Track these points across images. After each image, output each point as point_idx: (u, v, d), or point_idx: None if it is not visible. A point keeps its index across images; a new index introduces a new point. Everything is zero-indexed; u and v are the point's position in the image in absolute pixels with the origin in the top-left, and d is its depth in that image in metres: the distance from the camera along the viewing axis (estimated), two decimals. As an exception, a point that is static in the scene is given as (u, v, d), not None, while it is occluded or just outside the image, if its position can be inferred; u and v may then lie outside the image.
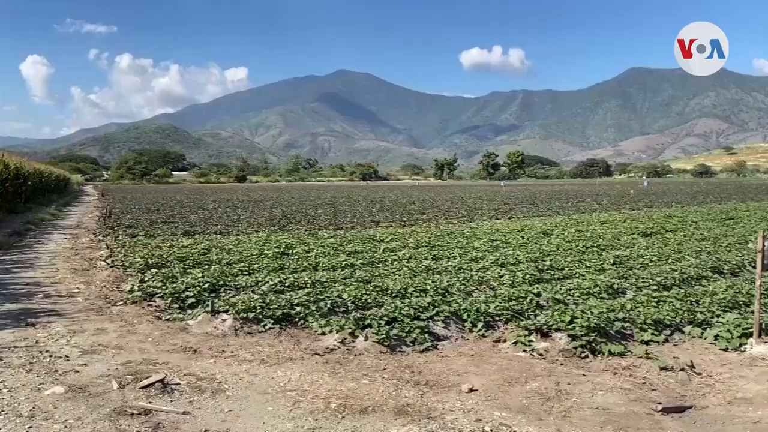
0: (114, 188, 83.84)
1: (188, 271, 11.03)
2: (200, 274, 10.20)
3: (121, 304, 8.97)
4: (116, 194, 53.97)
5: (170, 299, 8.85)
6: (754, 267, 7.46)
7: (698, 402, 5.50)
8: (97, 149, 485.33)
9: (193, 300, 8.77)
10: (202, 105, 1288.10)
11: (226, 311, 8.04)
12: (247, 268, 11.15)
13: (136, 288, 9.52)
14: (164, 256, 12.61)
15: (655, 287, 9.86)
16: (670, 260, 12.63)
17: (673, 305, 8.40)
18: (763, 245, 7.13)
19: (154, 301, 9.02)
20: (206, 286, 9.38)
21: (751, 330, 7.19)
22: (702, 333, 7.59)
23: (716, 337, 7.37)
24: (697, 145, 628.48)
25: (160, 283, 9.62)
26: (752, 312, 7.42)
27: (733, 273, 11.55)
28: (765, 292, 8.25)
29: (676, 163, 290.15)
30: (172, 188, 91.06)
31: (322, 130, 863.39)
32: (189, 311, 8.45)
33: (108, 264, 12.22)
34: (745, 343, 7.06)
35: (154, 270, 10.94)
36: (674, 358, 6.73)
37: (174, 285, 9.43)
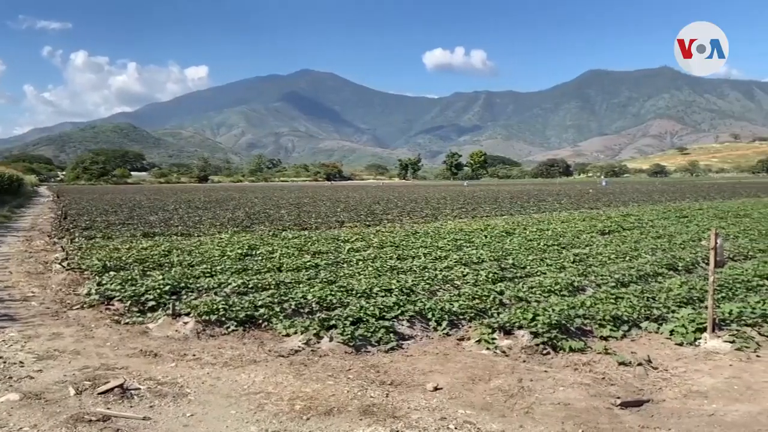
0: (70, 189, 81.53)
1: (148, 273, 10.81)
2: (161, 277, 10.00)
3: (77, 308, 8.73)
4: (72, 195, 52.49)
5: (129, 302, 8.65)
6: (708, 264, 7.72)
7: (655, 396, 5.65)
8: (52, 149, 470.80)
9: (153, 303, 8.60)
10: (161, 104, 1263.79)
11: (187, 314, 7.90)
12: (209, 270, 10.98)
13: (93, 291, 9.28)
14: (123, 258, 12.32)
15: (613, 284, 10.10)
16: (627, 258, 12.96)
17: (630, 301, 8.62)
18: (716, 243, 7.37)
19: (113, 305, 8.81)
20: (167, 288, 9.20)
21: (705, 325, 7.42)
22: (658, 328, 7.81)
23: (672, 332, 7.59)
24: (652, 145, 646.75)
25: (118, 286, 9.39)
26: (706, 307, 7.67)
27: (687, 270, 11.92)
28: (718, 288, 8.55)
29: (632, 163, 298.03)
30: (131, 189, 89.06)
31: (286, 130, 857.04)
32: (149, 314, 8.28)
33: (64, 267, 11.87)
34: (700, 338, 7.29)
35: (112, 273, 10.67)
36: (632, 353, 6.91)
37: (133, 288, 9.22)
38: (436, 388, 5.69)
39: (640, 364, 6.45)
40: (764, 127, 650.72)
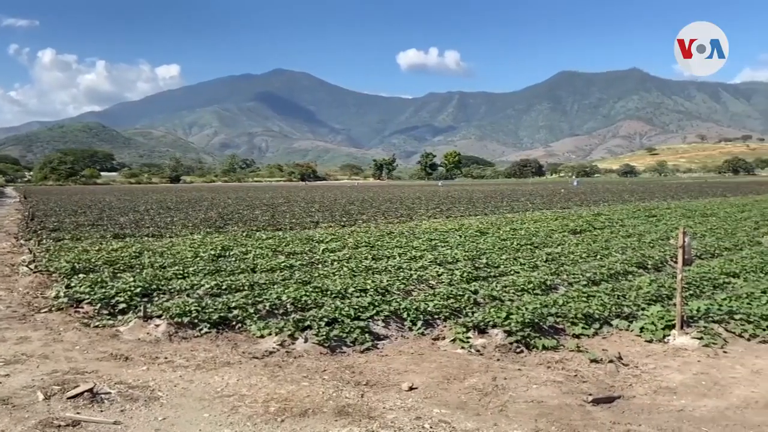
0: (37, 190, 79.71)
1: (119, 275, 10.62)
2: (132, 279, 9.83)
3: (45, 311, 8.54)
4: (40, 196, 51.33)
5: (99, 305, 8.50)
6: (676, 262, 7.87)
7: (626, 392, 5.75)
8: (19, 149, 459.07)
9: (124, 305, 8.46)
10: (132, 103, 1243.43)
11: (159, 316, 7.79)
12: (181, 272, 10.84)
13: (62, 294, 9.09)
14: (92, 260, 12.08)
15: (585, 283, 10.25)
16: (598, 256, 13.17)
17: (601, 299, 8.76)
18: (684, 241, 7.54)
19: (82, 308, 8.64)
20: (138, 290, 9.06)
21: (673, 322, 7.58)
22: (629, 325, 7.95)
23: (642, 329, 7.73)
24: (622, 145, 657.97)
25: (88, 289, 9.21)
26: (674, 305, 7.83)
27: (656, 268, 12.16)
28: (686, 286, 8.73)
29: (603, 163, 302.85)
30: (101, 189, 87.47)
31: (260, 130, 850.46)
32: (120, 317, 8.14)
33: (31, 269, 11.60)
34: (669, 335, 7.45)
35: (81, 275, 10.46)
36: (603, 350, 7.02)
37: (103, 290, 9.05)
38: (411, 388, 5.71)
39: (611, 361, 6.55)
40: (730, 128, 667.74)
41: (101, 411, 4.96)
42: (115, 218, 25.11)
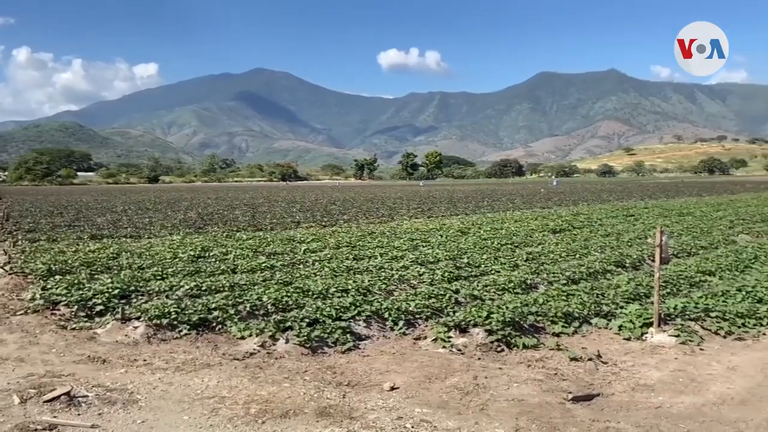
0: (12, 190, 78.28)
1: (96, 276, 10.47)
2: (109, 280, 9.69)
3: (21, 314, 8.38)
4: (15, 196, 50.43)
5: (76, 307, 8.37)
6: (653, 260, 7.99)
7: (605, 390, 5.82)
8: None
9: (101, 307, 8.34)
10: (109, 102, 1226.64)
11: (137, 318, 7.69)
12: (160, 273, 10.71)
13: (38, 296, 8.92)
14: (69, 261, 11.89)
15: (564, 281, 10.35)
16: (578, 255, 13.31)
17: (581, 298, 8.85)
18: (661, 240, 7.64)
19: (59, 310, 8.50)
20: (116, 292, 8.93)
21: (651, 320, 7.69)
22: (607, 324, 8.04)
23: (620, 327, 7.83)
24: (600, 146, 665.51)
25: (64, 290, 9.06)
26: (652, 303, 7.94)
27: (634, 266, 12.32)
28: (663, 284, 8.85)
29: (582, 164, 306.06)
30: (77, 190, 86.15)
31: (240, 130, 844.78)
32: (97, 319, 8.03)
33: (6, 271, 11.38)
34: (647, 333, 7.55)
35: (58, 276, 10.29)
36: (583, 348, 7.09)
37: (80, 292, 8.91)
38: (392, 388, 5.71)
39: (590, 359, 6.62)
40: (705, 128, 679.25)
41: (78, 414, 4.88)
42: (93, 219, 24.77)
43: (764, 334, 7.70)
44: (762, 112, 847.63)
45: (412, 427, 4.79)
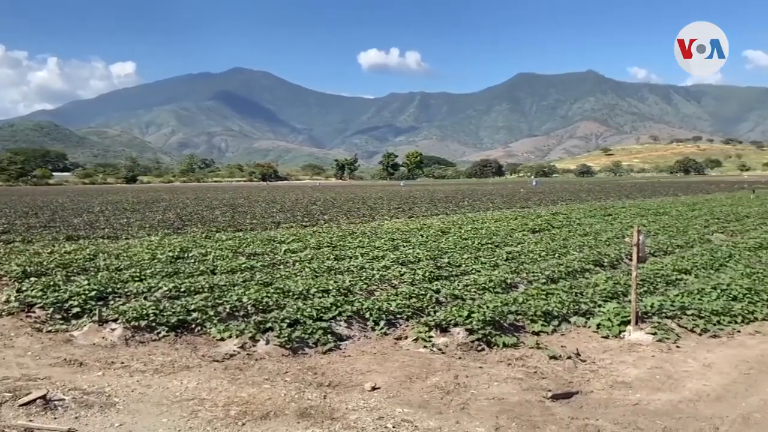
0: (-15, 190, 76.66)
1: (72, 278, 10.30)
2: (86, 282, 9.55)
3: (-6, 317, 8.22)
4: (-13, 197, 49.39)
5: (52, 309, 8.23)
6: (631, 259, 8.09)
7: (584, 387, 5.88)
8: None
9: (78, 309, 8.22)
10: (85, 101, 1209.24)
11: (115, 320, 7.59)
12: (138, 274, 10.58)
13: (12, 298, 8.76)
14: (44, 263, 11.68)
15: (544, 281, 10.43)
16: (557, 255, 13.43)
17: (560, 297, 8.93)
18: (638, 239, 7.75)
19: (34, 312, 8.35)
20: (93, 294, 8.81)
21: (629, 318, 7.79)
22: (586, 322, 8.13)
23: (598, 325, 7.92)
24: (579, 146, 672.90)
25: (40, 293, 8.91)
26: (630, 301, 8.05)
27: (612, 265, 12.47)
28: (640, 283, 8.98)
29: (560, 164, 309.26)
30: (53, 190, 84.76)
31: (219, 129, 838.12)
32: (74, 321, 7.91)
33: (-22, 273, 11.14)
34: (624, 331, 7.64)
35: (33, 278, 10.10)
36: (562, 347, 7.16)
37: (56, 294, 8.77)
38: (374, 388, 5.71)
39: (569, 358, 6.69)
40: (681, 129, 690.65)
41: (55, 418, 4.81)
42: (69, 220, 24.41)
43: (739, 331, 7.84)
44: (735, 113, 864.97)
45: (393, 427, 4.80)
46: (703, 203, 32.84)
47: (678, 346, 7.21)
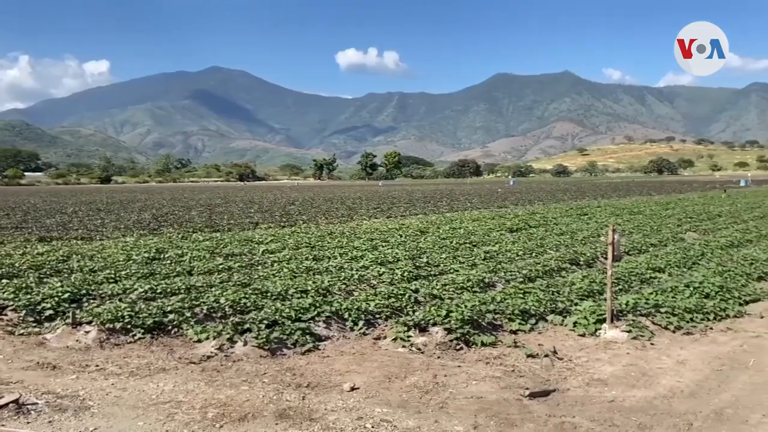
0: (-47, 191, 74.87)
1: (45, 280, 10.11)
2: (59, 284, 9.38)
3: (-37, 321, 8.03)
4: (-44, 197, 48.25)
5: (24, 312, 8.08)
6: (606, 258, 8.19)
7: (561, 385, 5.94)
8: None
9: (51, 312, 8.07)
10: (58, 100, 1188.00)
11: (89, 322, 7.46)
12: (113, 276, 10.42)
13: (-18, 301, 8.56)
14: (16, 265, 11.46)
15: (521, 280, 10.51)
16: (534, 254, 13.56)
17: (537, 296, 9.01)
18: (613, 238, 7.85)
19: (6, 315, 8.19)
20: (66, 296, 8.65)
21: (604, 316, 7.89)
22: (563, 320, 8.21)
23: (575, 323, 8.01)
24: (555, 146, 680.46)
25: (11, 295, 8.73)
26: (605, 299, 8.15)
27: (588, 264, 12.63)
28: (615, 281, 9.10)
29: (537, 164, 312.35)
30: (25, 190, 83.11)
31: (196, 129, 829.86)
32: (47, 324, 7.77)
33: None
34: (600, 329, 7.74)
35: (4, 280, 9.89)
36: (539, 345, 7.23)
37: (28, 296, 8.59)
38: (353, 388, 5.70)
39: (546, 356, 6.75)
40: (654, 129, 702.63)
41: (28, 423, 4.72)
42: (41, 220, 23.97)
43: (711, 328, 7.99)
44: (707, 114, 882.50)
45: (372, 427, 4.80)
46: (676, 203, 33.44)
47: (652, 344, 7.32)
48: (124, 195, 56.83)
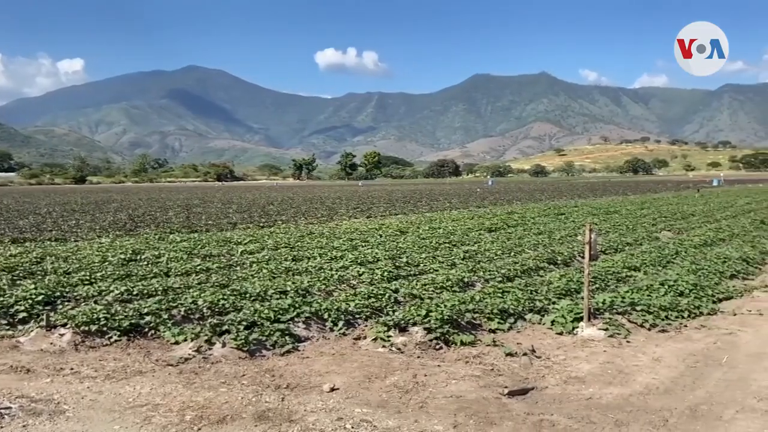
0: None
1: (18, 282, 9.91)
2: (33, 286, 9.19)
3: (-68, 324, 7.83)
4: (-75, 198, 47.08)
5: (-4, 315, 7.89)
6: (583, 257, 8.29)
7: (539, 383, 6.00)
8: None
9: (24, 314, 7.92)
10: (31, 99, 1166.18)
11: (64, 325, 7.34)
12: (88, 277, 10.25)
13: (-48, 305, 8.35)
14: (-13, 267, 11.21)
15: (500, 279, 10.59)
16: (512, 253, 13.66)
17: (516, 295, 9.08)
18: (590, 238, 7.95)
19: (-24, 319, 7.99)
20: (40, 298, 8.49)
21: (582, 314, 7.98)
22: (541, 319, 8.29)
23: (553, 322, 8.09)
24: (533, 146, 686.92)
25: (-17, 298, 8.53)
26: (582, 298, 8.25)
27: (565, 263, 12.76)
28: (592, 280, 9.21)
29: (515, 164, 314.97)
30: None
31: (173, 129, 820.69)
32: (20, 327, 7.61)
33: None
34: (577, 327, 7.83)
35: (-26, 283, 9.67)
36: (518, 344, 7.29)
37: (1, 299, 8.41)
38: (332, 389, 5.69)
39: (525, 354, 6.81)
40: (629, 130, 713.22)
41: (1, 427, 4.63)
42: (14, 221, 23.50)
43: (685, 326, 8.13)
44: (681, 115, 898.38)
45: (352, 427, 4.79)
46: (651, 202, 33.96)
47: (628, 341, 7.42)
48: (100, 195, 55.99)
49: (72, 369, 6.19)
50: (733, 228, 18.95)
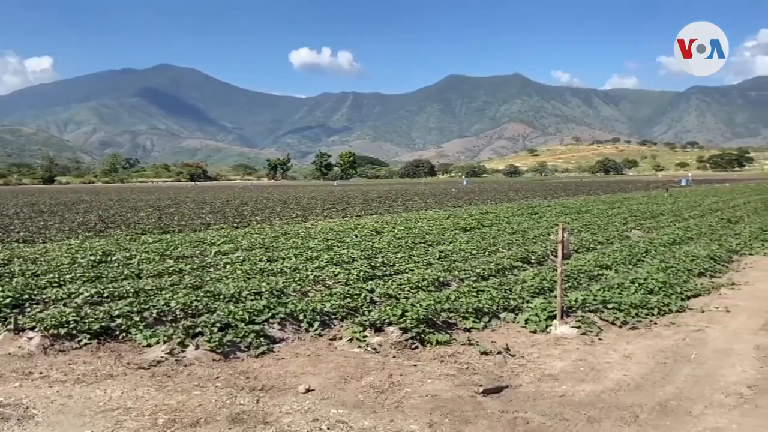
0: None
1: (-17, 285, 9.65)
2: (0, 289, 8.98)
3: None
4: None
5: (-40, 319, 7.67)
6: (556, 256, 8.40)
7: (513, 381, 6.06)
8: None
9: (-10, 318, 7.69)
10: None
11: (32, 328, 7.17)
12: (57, 280, 10.03)
13: None
14: (-49, 269, 10.90)
15: (475, 278, 10.66)
16: (487, 253, 13.76)
17: (490, 294, 9.15)
18: (563, 237, 8.05)
19: (-61, 323, 7.76)
20: (7, 301, 8.28)
21: (555, 313, 8.08)
22: (515, 318, 8.37)
23: (527, 320, 8.17)
24: (507, 147, 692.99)
25: (-54, 302, 8.28)
26: (555, 296, 8.35)
27: (539, 262, 12.91)
28: (565, 279, 9.33)
29: (490, 164, 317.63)
30: (-39, 191, 79.19)
31: (144, 128, 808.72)
32: (-15, 331, 7.40)
33: None
34: (551, 325, 7.93)
35: (-62, 287, 9.40)
36: (492, 342, 7.35)
37: (-35, 302, 8.18)
38: (308, 390, 5.66)
39: (499, 353, 6.87)
40: (601, 131, 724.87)
41: (-36, 436, 4.50)
42: (-21, 223, 22.86)
43: (655, 323, 8.28)
44: (650, 116, 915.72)
45: (328, 428, 4.78)
46: (622, 202, 34.53)
47: (600, 339, 7.54)
48: (69, 196, 54.86)
49: (41, 373, 6.06)
50: (701, 227, 19.37)
